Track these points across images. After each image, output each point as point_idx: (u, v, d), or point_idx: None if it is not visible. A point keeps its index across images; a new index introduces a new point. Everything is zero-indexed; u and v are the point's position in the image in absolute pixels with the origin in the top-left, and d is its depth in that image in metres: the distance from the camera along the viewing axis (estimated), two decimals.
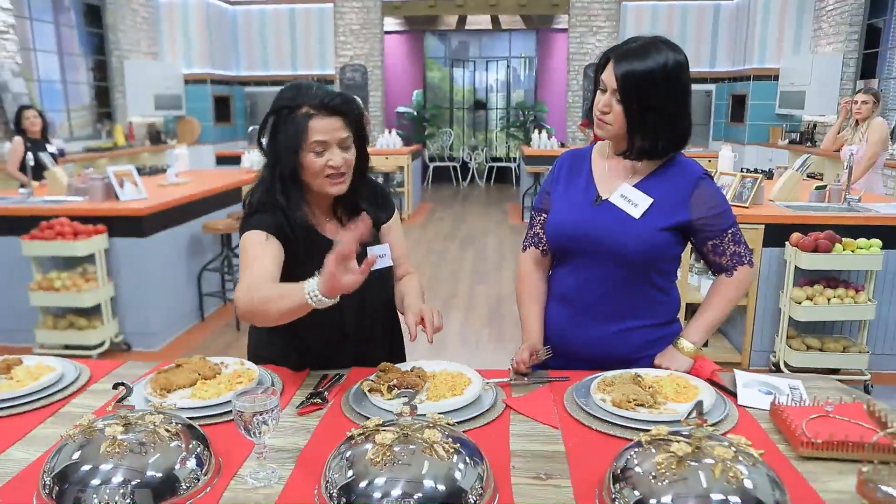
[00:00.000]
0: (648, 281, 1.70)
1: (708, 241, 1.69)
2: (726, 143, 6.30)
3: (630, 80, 1.55)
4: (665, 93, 1.56)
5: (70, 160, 7.29)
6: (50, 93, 8.29)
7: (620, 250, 1.64)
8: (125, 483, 1.13)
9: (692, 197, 1.65)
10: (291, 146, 1.60)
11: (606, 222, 1.65)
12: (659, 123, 1.59)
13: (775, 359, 3.86)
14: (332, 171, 1.63)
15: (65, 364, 1.70)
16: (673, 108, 1.59)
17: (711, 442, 1.07)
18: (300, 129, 1.59)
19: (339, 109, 1.62)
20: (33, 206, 4.20)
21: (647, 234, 1.63)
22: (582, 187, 1.74)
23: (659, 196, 1.65)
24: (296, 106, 1.60)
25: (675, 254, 1.71)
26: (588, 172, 1.75)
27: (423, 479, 1.08)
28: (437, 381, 1.55)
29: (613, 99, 1.59)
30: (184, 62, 10.57)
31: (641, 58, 1.55)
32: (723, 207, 1.68)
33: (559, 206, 1.75)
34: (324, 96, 1.61)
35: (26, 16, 7.85)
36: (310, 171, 1.64)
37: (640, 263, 1.66)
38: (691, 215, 1.65)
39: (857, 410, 1.36)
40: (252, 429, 1.18)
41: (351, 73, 11.89)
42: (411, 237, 8.25)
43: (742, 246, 1.71)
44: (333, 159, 1.62)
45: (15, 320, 4.19)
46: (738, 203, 3.98)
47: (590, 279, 1.70)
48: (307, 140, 1.59)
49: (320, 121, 1.60)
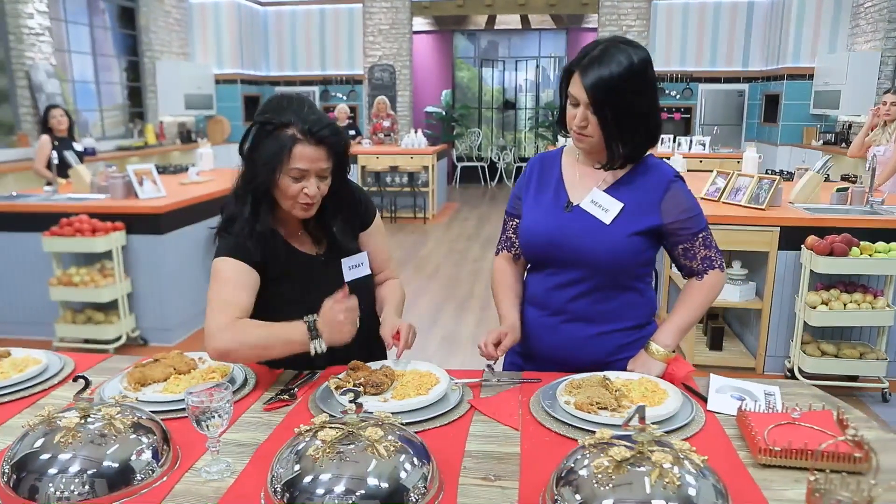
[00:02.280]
0: (622, 285, 1.68)
1: (679, 244, 1.67)
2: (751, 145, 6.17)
3: (600, 89, 1.51)
4: (635, 93, 1.54)
5: (101, 159, 7.47)
6: (84, 93, 8.51)
7: (592, 257, 1.62)
8: (81, 472, 1.16)
9: (663, 200, 1.63)
10: (271, 165, 1.57)
11: (577, 229, 1.64)
12: (635, 126, 1.57)
13: (790, 364, 3.77)
14: (304, 200, 1.61)
15: (50, 357, 1.75)
16: (645, 107, 1.57)
17: (654, 447, 1.05)
18: (283, 152, 1.56)
19: (325, 140, 1.58)
20: (56, 204, 4.32)
21: (618, 241, 1.61)
22: (552, 193, 1.72)
23: (630, 200, 1.63)
24: (282, 125, 1.56)
25: (648, 258, 1.69)
26: (558, 177, 1.73)
27: (366, 476, 1.09)
28: (404, 380, 1.55)
29: (588, 112, 1.55)
30: (215, 62, 10.75)
31: (606, 64, 1.51)
32: (694, 211, 1.65)
33: (530, 213, 1.73)
34: (313, 123, 1.56)
35: (62, 18, 8.06)
36: (283, 193, 1.61)
37: (612, 269, 1.64)
38: (663, 219, 1.63)
39: (826, 418, 1.32)
40: (203, 423, 1.20)
41: (379, 72, 11.95)
42: (434, 236, 8.27)
43: (713, 250, 1.68)
44: (309, 188, 1.60)
45: (36, 314, 4.31)
46: (753, 205, 3.91)
47: (562, 284, 1.69)
48: (288, 165, 1.56)
49: (304, 148, 1.56)
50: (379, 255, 1.89)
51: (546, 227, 1.68)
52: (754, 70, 10.87)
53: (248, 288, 1.64)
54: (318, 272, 1.74)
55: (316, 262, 1.75)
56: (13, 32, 7.09)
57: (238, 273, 1.63)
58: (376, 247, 1.88)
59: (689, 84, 11.20)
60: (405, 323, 1.69)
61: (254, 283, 1.65)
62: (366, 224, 1.86)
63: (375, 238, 1.88)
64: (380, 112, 9.99)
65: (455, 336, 4.76)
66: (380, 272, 1.90)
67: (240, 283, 1.63)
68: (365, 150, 9.31)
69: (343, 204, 1.75)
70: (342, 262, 1.78)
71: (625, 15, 11.23)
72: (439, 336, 4.72)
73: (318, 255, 1.76)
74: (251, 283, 1.64)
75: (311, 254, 1.75)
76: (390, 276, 1.93)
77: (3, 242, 4.34)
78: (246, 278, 1.64)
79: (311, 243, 1.77)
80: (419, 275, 6.46)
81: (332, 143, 1.59)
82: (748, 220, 3.77)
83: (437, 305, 5.43)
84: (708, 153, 8.48)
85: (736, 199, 4.08)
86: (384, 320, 1.75)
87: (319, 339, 1.54)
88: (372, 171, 9.24)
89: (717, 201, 4.17)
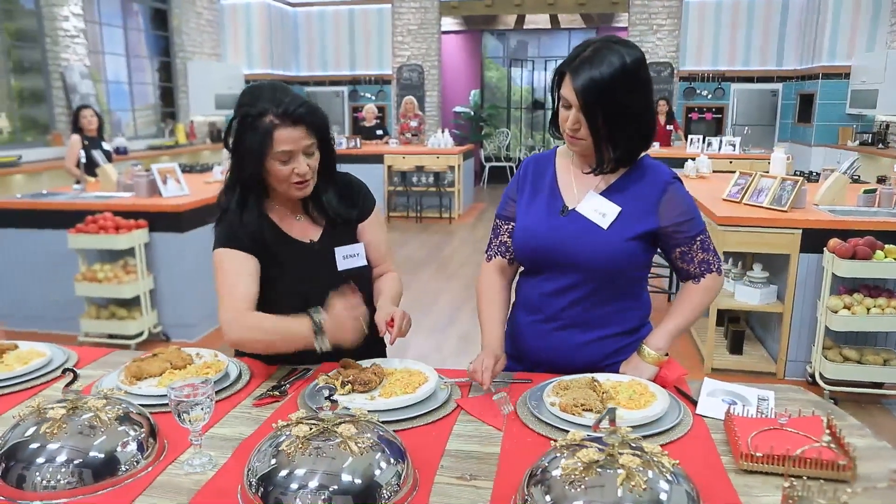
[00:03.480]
0: (618, 290, 1.65)
1: (676, 247, 1.64)
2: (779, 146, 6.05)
3: (590, 92, 1.48)
4: (627, 94, 1.50)
5: (133, 157, 7.62)
6: (117, 93, 8.70)
7: (589, 262, 1.59)
8: (67, 462, 1.20)
9: (661, 203, 1.60)
10: (256, 154, 1.61)
11: (573, 234, 1.60)
12: (627, 128, 1.53)
13: (811, 370, 3.69)
14: (297, 179, 1.65)
15: (55, 350, 1.79)
16: (637, 108, 1.53)
17: (625, 450, 1.04)
18: (265, 139, 1.59)
19: (302, 119, 1.61)
20: (82, 202, 4.42)
21: (615, 245, 1.58)
22: (547, 196, 1.68)
23: (627, 204, 1.60)
24: (258, 113, 1.60)
25: (645, 261, 1.66)
26: (552, 179, 1.70)
27: (340, 472, 1.10)
28: (393, 378, 1.56)
29: (580, 114, 1.52)
30: (245, 63, 10.90)
31: (597, 65, 1.47)
32: (692, 214, 1.62)
33: (525, 217, 1.70)
34: (287, 105, 1.59)
35: (97, 20, 8.25)
36: (275, 177, 1.65)
37: (608, 274, 1.61)
38: (660, 222, 1.60)
39: (815, 424, 1.29)
40: (184, 416, 1.22)
41: (408, 72, 12.00)
42: (458, 237, 8.27)
43: (710, 253, 1.65)
44: (299, 167, 1.64)
45: (62, 309, 4.41)
46: (776, 206, 3.83)
47: (557, 290, 1.65)
48: (272, 150, 1.60)
49: (284, 131, 1.59)
50: (377, 247, 1.89)
51: (542, 231, 1.64)
52: (788, 69, 10.65)
53: (248, 275, 1.68)
54: (312, 260, 1.76)
55: (309, 250, 1.77)
56: (49, 35, 7.28)
57: (236, 262, 1.67)
58: (374, 239, 1.89)
59: (721, 84, 11.02)
60: (399, 310, 1.70)
61: (253, 269, 1.69)
62: (364, 214, 1.88)
63: (373, 230, 1.89)
64: (407, 112, 10.03)
65: (472, 336, 4.75)
66: (377, 265, 1.91)
67: (240, 272, 1.67)
68: (391, 149, 9.36)
69: (331, 174, 1.78)
70: (336, 250, 1.79)
71: (655, 14, 11.11)
72: (456, 335, 4.72)
73: (312, 242, 1.78)
74: (250, 269, 1.68)
75: (304, 241, 1.77)
76: (388, 269, 1.94)
77: (32, 239, 4.46)
78: (244, 266, 1.68)
79: (308, 229, 1.78)
80: (441, 274, 6.47)
81: (309, 121, 1.63)
82: (769, 222, 3.70)
83: (457, 305, 5.43)
84: (738, 154, 8.32)
85: (758, 200, 4.00)
86: (380, 307, 1.75)
87: (323, 338, 1.56)
88: (398, 170, 9.28)
89: (739, 203, 4.10)
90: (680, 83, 11.14)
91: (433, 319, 5.08)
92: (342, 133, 10.85)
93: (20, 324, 4.58)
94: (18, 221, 4.48)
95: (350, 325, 1.57)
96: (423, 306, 5.40)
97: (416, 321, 5.38)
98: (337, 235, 1.81)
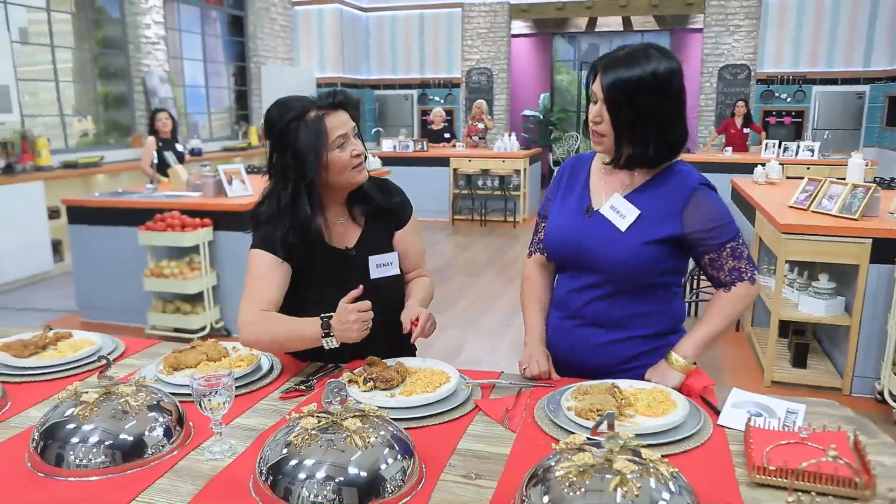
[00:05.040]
0: (639, 293, 1.64)
1: (705, 255, 1.61)
2: (858, 151, 5.77)
3: (616, 89, 1.51)
4: (656, 100, 1.52)
5: (207, 158, 7.95)
6: (194, 97, 9.09)
7: (607, 263, 1.61)
8: (99, 443, 1.27)
9: (686, 208, 1.58)
10: (315, 149, 1.66)
11: (595, 234, 1.63)
12: (649, 131, 1.54)
13: (880, 387, 3.50)
14: (357, 161, 1.71)
15: (104, 339, 1.90)
16: (664, 116, 1.54)
17: (623, 455, 1.03)
18: (320, 131, 1.66)
19: (343, 103, 1.70)
20: (153, 201, 4.64)
21: (631, 248, 1.58)
22: (577, 197, 1.72)
23: (648, 208, 1.60)
24: (302, 113, 1.66)
25: (669, 266, 1.63)
26: (585, 181, 1.73)
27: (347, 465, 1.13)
28: (416, 377, 1.58)
29: (604, 109, 1.55)
30: (317, 66, 11.17)
31: (629, 66, 1.51)
32: (722, 220, 1.59)
33: (555, 216, 1.75)
34: (322, 97, 1.69)
35: (177, 28, 8.64)
36: (337, 167, 1.70)
37: (627, 276, 1.61)
38: (685, 229, 1.58)
39: (840, 440, 1.24)
40: (203, 405, 1.27)
41: (477, 76, 12.05)
42: (522, 240, 8.22)
43: (743, 261, 1.61)
44: (356, 147, 1.71)
45: (132, 303, 4.64)
46: (846, 215, 3.66)
47: (579, 288, 1.68)
48: (330, 138, 1.66)
49: (332, 117, 1.68)
50: (413, 253, 1.92)
51: (566, 230, 1.68)
52: (877, 70, 10.12)
53: (276, 280, 1.73)
54: (347, 268, 1.79)
55: (345, 257, 1.81)
56: (132, 42, 7.68)
57: (268, 266, 1.73)
58: (410, 245, 1.91)
59: (802, 86, 10.57)
60: (426, 311, 1.72)
61: (282, 276, 1.74)
62: (401, 222, 1.91)
63: (410, 236, 1.92)
64: (476, 115, 10.08)
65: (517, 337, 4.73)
66: (411, 270, 1.93)
67: (269, 277, 1.73)
68: (457, 152, 9.40)
69: (385, 184, 1.90)
70: (370, 259, 1.82)
71: (732, 14, 10.77)
72: (510, 338, 4.71)
73: (348, 249, 1.82)
74: (280, 275, 1.74)
75: (340, 248, 1.81)
76: (422, 274, 1.96)
77: (106, 235, 4.71)
78: (275, 271, 1.73)
79: (347, 235, 1.82)
80: (501, 277, 6.46)
81: (347, 104, 1.71)
82: (837, 231, 3.53)
83: (514, 308, 5.41)
84: (816, 159, 7.97)
85: (827, 208, 3.83)
86: (408, 306, 1.78)
87: (332, 337, 1.60)
88: (464, 173, 9.32)
89: (806, 210, 3.93)
90: (757, 86, 10.75)
91: (490, 322, 5.09)
92: (409, 136, 10.98)
93: (96, 315, 4.85)
94: (95, 219, 4.74)
95: (353, 322, 1.57)
96: (483, 309, 5.42)
97: (475, 323, 5.37)
98: (373, 243, 1.84)
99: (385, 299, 1.78)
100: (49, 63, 7.04)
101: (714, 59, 10.93)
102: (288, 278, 1.75)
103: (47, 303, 5.52)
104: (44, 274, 6.24)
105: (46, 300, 5.62)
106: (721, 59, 10.89)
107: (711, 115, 11.02)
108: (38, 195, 6.10)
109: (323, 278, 1.78)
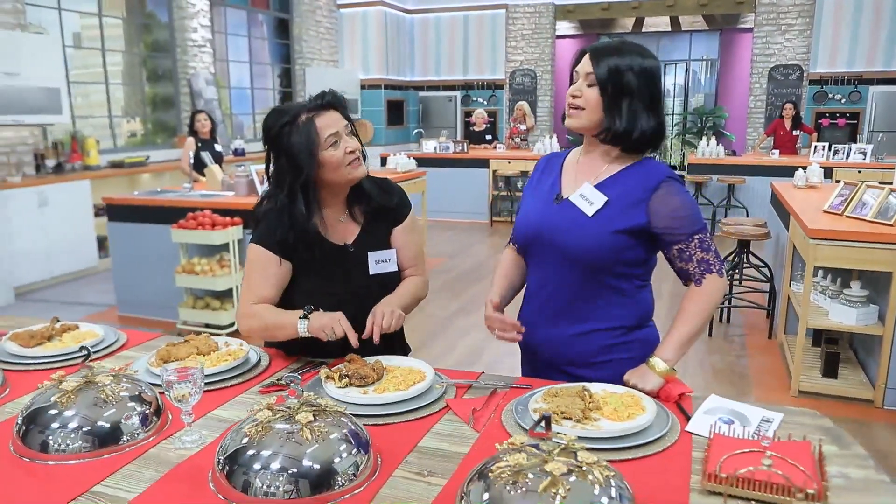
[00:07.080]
0: (605, 284, 1.65)
1: (674, 245, 1.62)
2: None
3: (606, 64, 1.58)
4: (639, 84, 1.58)
5: (249, 158, 8.13)
6: (239, 98, 9.31)
7: (572, 250, 1.62)
8: (77, 429, 1.33)
9: (652, 200, 1.60)
10: (308, 149, 1.71)
11: (561, 221, 1.65)
12: (634, 109, 1.59)
13: None
14: (351, 157, 1.75)
15: (108, 331, 1.97)
16: (645, 101, 1.59)
17: (560, 457, 1.03)
18: (311, 132, 1.71)
19: (332, 104, 1.75)
20: (187, 199, 4.78)
21: (599, 236, 1.60)
22: (548, 187, 1.74)
23: (616, 196, 1.61)
24: (293, 117, 1.72)
25: (635, 258, 1.64)
26: (558, 172, 1.76)
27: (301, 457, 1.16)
28: (391, 375, 1.60)
29: (585, 84, 1.60)
30: (361, 68, 11.31)
31: (617, 51, 1.60)
32: (686, 211, 1.60)
33: (525, 205, 1.78)
34: (313, 100, 1.74)
35: (223, 31, 8.87)
36: (332, 165, 1.74)
37: (592, 265, 1.62)
38: (650, 218, 1.60)
39: (802, 450, 1.20)
40: (171, 395, 1.32)
41: (520, 77, 12.01)
42: None
43: (711, 253, 1.61)
44: (349, 144, 1.75)
45: (165, 298, 4.79)
46: (881, 220, 3.52)
47: (546, 278, 1.71)
48: (321, 137, 1.71)
49: (322, 117, 1.72)
50: (408, 252, 1.94)
51: (534, 217, 1.72)
52: None
53: (272, 277, 1.80)
54: (346, 263, 1.84)
55: (344, 253, 1.85)
56: (180, 45, 7.92)
57: (265, 263, 1.79)
58: (407, 243, 1.94)
59: (858, 87, 10.20)
60: (390, 308, 1.73)
61: (278, 272, 1.80)
62: (399, 219, 1.94)
63: (406, 235, 1.95)
64: (518, 117, 10.05)
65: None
66: (407, 268, 1.96)
67: (265, 273, 1.80)
68: (497, 154, 9.39)
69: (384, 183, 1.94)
70: (369, 255, 1.87)
71: (785, 13, 10.46)
72: None
73: (347, 245, 1.85)
74: (277, 272, 1.80)
75: (339, 244, 1.85)
76: (414, 273, 1.98)
77: (142, 232, 4.87)
78: (272, 268, 1.80)
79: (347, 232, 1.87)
80: None
81: (337, 104, 1.76)
82: (871, 237, 3.41)
83: None
84: (868, 163, 7.69)
85: (862, 213, 3.70)
86: (380, 303, 1.79)
87: (307, 320, 1.67)
88: (503, 175, 9.30)
89: (841, 215, 3.80)
90: (809, 87, 10.42)
91: None
92: (451, 137, 11.01)
93: (131, 309, 5.02)
94: (134, 216, 4.91)
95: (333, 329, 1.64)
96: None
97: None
98: (371, 240, 1.88)
99: (383, 295, 1.84)
100: (100, 66, 7.32)
101: (764, 60, 10.64)
102: (285, 275, 1.81)
103: (92, 297, 5.75)
104: (90, 269, 6.49)
105: (91, 294, 5.85)
106: (772, 59, 10.59)
107: (761, 118, 10.73)
108: (86, 194, 6.35)
109: (323, 273, 1.83)
